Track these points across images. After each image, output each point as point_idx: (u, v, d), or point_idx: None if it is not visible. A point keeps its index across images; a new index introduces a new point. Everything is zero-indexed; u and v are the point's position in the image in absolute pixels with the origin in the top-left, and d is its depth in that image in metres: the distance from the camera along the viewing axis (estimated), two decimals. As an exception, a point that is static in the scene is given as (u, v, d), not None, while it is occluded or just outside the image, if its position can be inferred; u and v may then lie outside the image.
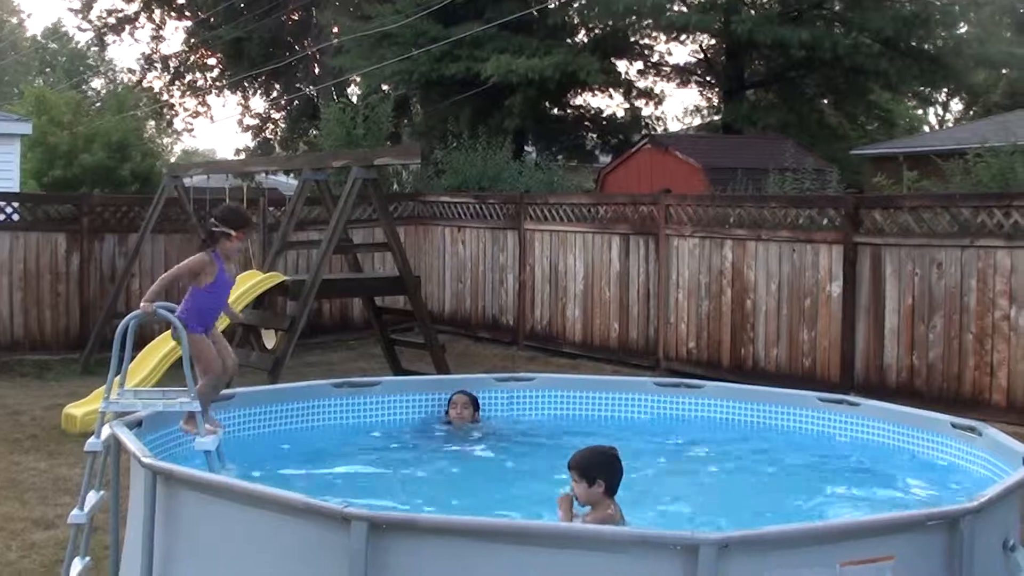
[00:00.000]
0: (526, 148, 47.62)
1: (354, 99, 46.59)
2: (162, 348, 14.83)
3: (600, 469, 7.01)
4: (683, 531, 5.76)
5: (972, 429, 8.56)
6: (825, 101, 51.00)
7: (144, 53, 64.59)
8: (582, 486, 6.95)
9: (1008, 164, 22.41)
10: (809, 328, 16.96)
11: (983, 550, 6.15)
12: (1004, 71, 56.31)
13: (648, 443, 10.16)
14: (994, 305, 14.91)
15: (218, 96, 64.55)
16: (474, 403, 10.72)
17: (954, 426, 8.87)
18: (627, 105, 53.81)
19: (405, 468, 9.60)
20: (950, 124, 67.22)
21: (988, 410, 14.59)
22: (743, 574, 5.46)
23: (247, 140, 61.06)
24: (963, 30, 49.42)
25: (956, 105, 71.59)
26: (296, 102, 57.04)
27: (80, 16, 64.89)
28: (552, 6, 44.69)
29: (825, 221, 17.00)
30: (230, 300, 15.46)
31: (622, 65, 50.81)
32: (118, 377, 7.75)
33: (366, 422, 10.47)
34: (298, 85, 57.59)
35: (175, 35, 64.17)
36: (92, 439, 7.53)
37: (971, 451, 8.53)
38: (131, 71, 70.45)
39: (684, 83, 57.52)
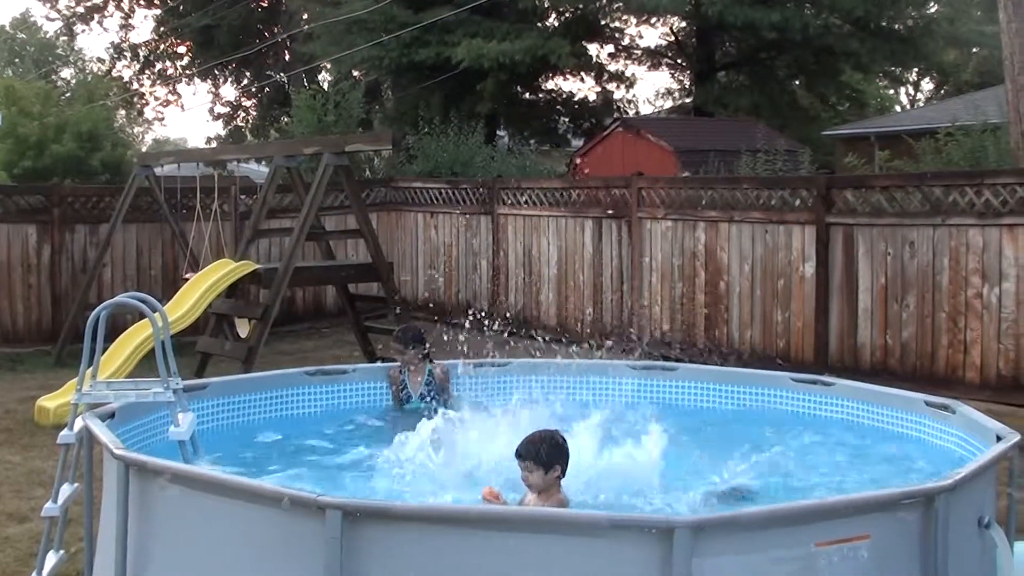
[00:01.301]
0: (498, 133, 47.56)
1: (325, 86, 46.49)
2: (135, 339, 14.78)
3: (558, 454, 6.96)
4: (658, 514, 5.76)
5: (946, 407, 8.56)
6: (796, 82, 51.03)
7: (113, 42, 64.51)
8: (538, 473, 6.88)
9: (979, 143, 22.46)
10: (783, 309, 16.99)
11: (958, 528, 6.15)
12: (974, 50, 56.52)
13: (622, 426, 10.14)
14: (967, 283, 14.95)
15: (188, 84, 64.27)
16: (407, 343, 10.85)
17: (928, 404, 8.87)
18: (599, 89, 53.83)
19: (379, 454, 9.56)
20: (921, 104, 67.41)
21: (962, 388, 14.64)
22: (719, 556, 5.45)
23: (218, 128, 60.88)
24: (933, 9, 49.48)
25: (927, 85, 71.90)
26: (267, 89, 56.89)
27: (48, 6, 64.64)
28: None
29: (797, 202, 17.03)
30: (201, 289, 15.48)
31: (593, 49, 50.79)
32: (90, 369, 7.71)
33: (341, 409, 10.43)
34: (268, 72, 57.46)
35: (144, 23, 64.08)
36: (65, 431, 7.48)
37: (945, 429, 8.54)
38: (101, 60, 70.28)
39: (655, 66, 57.56)
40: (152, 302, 7.92)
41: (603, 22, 50.19)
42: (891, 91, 71.84)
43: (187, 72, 61.35)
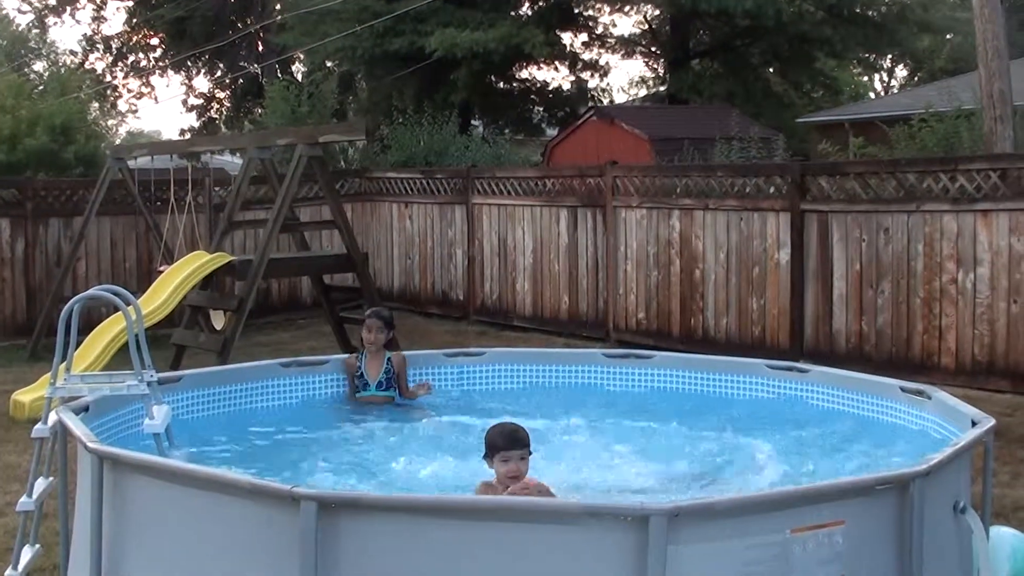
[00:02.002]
0: (472, 122, 47.52)
1: (298, 76, 46.46)
2: (109, 332, 14.75)
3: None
4: (633, 502, 5.75)
5: (921, 393, 8.57)
6: (771, 70, 51.09)
7: (86, 34, 63.98)
8: (527, 461, 6.89)
9: (953, 129, 22.55)
10: (758, 296, 17.02)
11: (934, 513, 6.16)
12: (948, 36, 56.73)
13: (597, 414, 10.15)
14: (941, 269, 14.99)
15: (162, 76, 63.83)
16: (388, 324, 10.82)
17: (903, 390, 8.87)
18: (573, 78, 53.78)
19: (355, 444, 9.56)
20: (895, 90, 67.60)
21: (937, 373, 14.70)
22: (694, 543, 5.45)
23: (192, 120, 60.39)
24: (906, -5, 49.61)
25: (901, 71, 72.14)
26: (240, 81, 56.73)
27: (20, -2, 64.39)
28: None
29: (772, 189, 17.06)
30: (175, 281, 15.43)
31: (567, 37, 50.72)
32: (64, 362, 7.68)
33: (317, 400, 10.41)
34: (242, 63, 57.27)
35: (116, 15, 63.61)
36: (39, 425, 7.45)
37: (920, 414, 8.55)
38: (73, 53, 69.92)
39: (629, 54, 57.55)
40: (126, 295, 7.89)
41: (577, 11, 50.16)
42: (865, 78, 72.06)
43: (160, 64, 61.08)
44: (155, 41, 60.63)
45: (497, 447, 6.83)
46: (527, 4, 48.56)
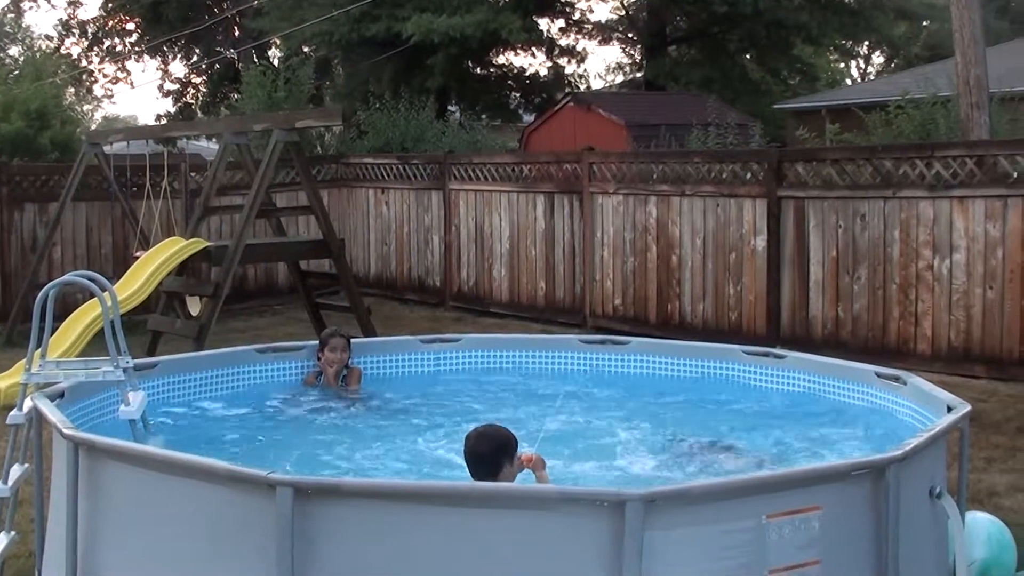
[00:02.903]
0: (449, 108, 47.41)
1: (275, 62, 46.31)
2: (85, 318, 14.68)
3: None
4: (609, 488, 5.76)
5: (897, 378, 8.60)
6: (747, 56, 51.04)
7: (61, 19, 63.71)
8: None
9: (929, 115, 22.56)
10: (735, 282, 17.04)
11: (909, 498, 6.18)
12: (924, 23, 56.78)
13: (574, 400, 10.16)
14: (918, 255, 15.04)
15: (138, 61, 63.56)
16: (349, 344, 10.59)
17: (879, 376, 8.90)
18: (550, 64, 53.68)
19: (330, 432, 9.57)
20: (872, 77, 67.71)
21: (913, 359, 14.75)
22: (671, 529, 5.46)
23: (168, 105, 60.14)
24: (883, -18, 49.66)
25: (877, 58, 72.22)
26: (217, 66, 56.50)
27: (-6, -17, 64.19)
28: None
29: (749, 175, 17.08)
30: (151, 267, 15.37)
31: (544, 23, 50.60)
32: (40, 348, 7.66)
33: (293, 386, 10.40)
34: (218, 48, 57.05)
35: (92, 0, 63.47)
36: (14, 412, 7.43)
37: (896, 400, 8.57)
38: (49, 38, 69.54)
39: (606, 40, 57.50)
40: (101, 280, 7.87)
41: (554, -4, 50.10)
42: (842, 65, 72.13)
43: (136, 49, 60.81)
44: (131, 26, 60.33)
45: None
46: (504, -10, 48.47)
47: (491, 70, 51.25)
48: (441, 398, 10.43)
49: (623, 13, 54.46)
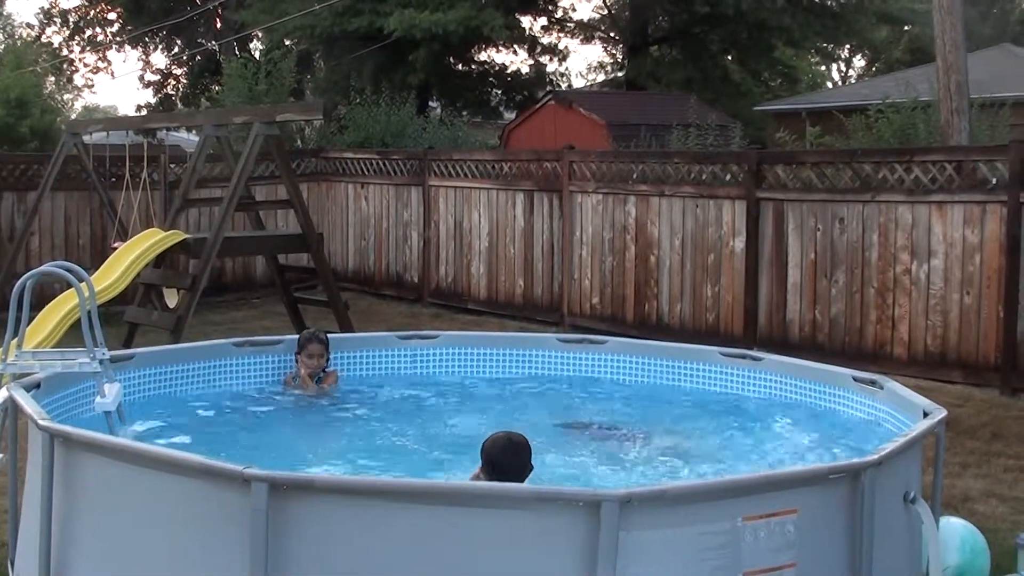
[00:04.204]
0: (430, 104, 47.38)
1: (257, 55, 46.18)
2: (62, 308, 14.63)
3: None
4: (585, 488, 5.76)
5: (873, 383, 8.62)
6: (729, 57, 51.12)
7: (43, 7, 63.34)
8: None
9: (909, 120, 22.60)
10: (713, 283, 17.05)
11: (884, 503, 6.20)
12: (906, 27, 56.93)
13: (550, 400, 10.17)
14: (895, 259, 15.07)
15: (119, 51, 63.24)
16: (327, 348, 10.35)
17: (856, 380, 8.92)
18: (531, 61, 53.68)
19: (305, 429, 9.57)
20: (853, 80, 67.84)
21: (890, 363, 14.78)
22: (646, 529, 5.46)
23: (148, 96, 59.86)
24: (865, -14, 49.79)
25: (859, 61, 72.46)
26: (198, 57, 56.38)
27: (-25, -29, 63.91)
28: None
29: (728, 177, 17.11)
30: (129, 258, 15.33)
31: (526, 21, 50.58)
32: (16, 339, 7.63)
33: (270, 380, 10.37)
34: (200, 40, 56.93)
35: (74, -11, 63.09)
36: (-11, 401, 7.41)
37: (872, 404, 8.59)
38: (30, 26, 69.44)
39: (588, 39, 57.52)
40: (79, 271, 7.85)
41: (537, -6, 50.08)
42: (823, 67, 72.25)
43: (117, 39, 60.65)
44: (113, 16, 60.14)
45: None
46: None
47: (473, 67, 51.22)
48: (417, 397, 10.43)
49: (605, 12, 54.51)
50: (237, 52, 46.94)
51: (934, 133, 21.56)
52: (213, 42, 55.25)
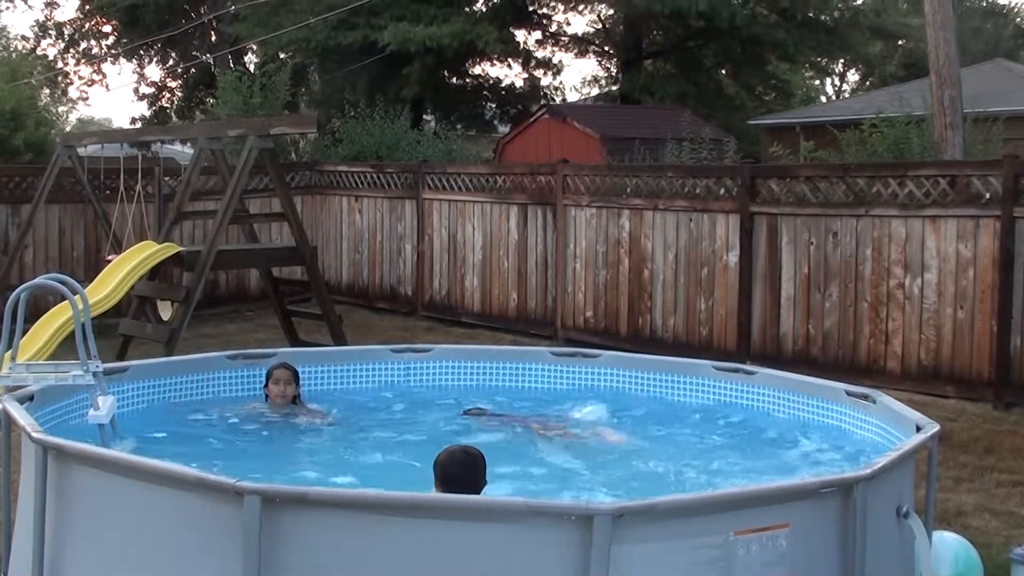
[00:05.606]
0: (424, 117, 47.42)
1: (251, 67, 46.23)
2: (55, 321, 14.62)
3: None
4: (577, 501, 5.76)
5: (866, 397, 8.62)
6: (723, 71, 51.17)
7: (38, 20, 63.48)
8: None
9: (903, 134, 22.65)
10: (706, 297, 17.07)
11: (877, 517, 6.21)
12: (900, 42, 57.00)
13: (544, 413, 10.17)
14: (889, 274, 15.09)
15: (113, 64, 63.40)
16: (296, 378, 10.05)
17: (849, 394, 8.92)
18: (526, 75, 53.73)
19: (296, 442, 9.56)
20: (847, 95, 67.88)
21: (883, 377, 14.79)
22: (638, 543, 5.47)
23: (143, 109, 59.83)
24: (859, 1, 49.88)
25: (853, 76, 72.52)
26: (192, 70, 56.40)
27: (-30, -17, 63.83)
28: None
29: (722, 191, 17.12)
30: (123, 271, 15.32)
31: (520, 35, 50.62)
32: (9, 351, 7.63)
33: (263, 393, 10.36)
34: (195, 53, 56.93)
35: (69, 1, 62.81)
36: (-18, 414, 7.41)
37: (865, 418, 8.59)
38: (25, 38, 69.38)
39: (582, 53, 57.50)
40: (73, 284, 7.85)
41: (531, 8, 50.02)
42: (817, 82, 72.40)
43: (112, 51, 60.64)
44: (108, 28, 60.16)
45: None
46: (481, 0, 48.47)
47: (467, 80, 51.28)
48: (410, 410, 10.42)
49: (600, 26, 54.50)
50: (232, 65, 46.92)
51: (928, 148, 21.61)
52: (208, 55, 55.25)
